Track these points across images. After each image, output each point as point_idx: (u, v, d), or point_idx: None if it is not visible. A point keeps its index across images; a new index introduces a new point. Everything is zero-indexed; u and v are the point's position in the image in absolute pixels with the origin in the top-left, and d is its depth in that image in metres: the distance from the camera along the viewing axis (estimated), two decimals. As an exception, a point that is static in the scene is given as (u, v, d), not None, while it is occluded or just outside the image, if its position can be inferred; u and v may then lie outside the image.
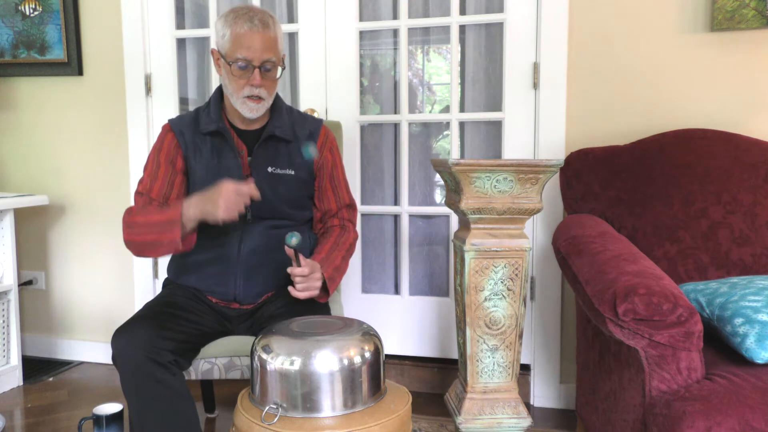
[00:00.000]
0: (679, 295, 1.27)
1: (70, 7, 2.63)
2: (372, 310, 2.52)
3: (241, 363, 1.61)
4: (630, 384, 1.42)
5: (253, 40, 1.57)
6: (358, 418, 1.17)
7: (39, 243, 2.83)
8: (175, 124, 1.72)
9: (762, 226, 1.79)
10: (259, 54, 1.58)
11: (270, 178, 1.67)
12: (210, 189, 1.51)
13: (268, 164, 1.68)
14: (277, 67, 1.63)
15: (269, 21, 1.60)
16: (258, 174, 1.66)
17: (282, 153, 1.70)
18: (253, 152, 1.67)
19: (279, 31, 1.64)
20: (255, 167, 1.67)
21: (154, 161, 1.70)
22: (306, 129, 1.74)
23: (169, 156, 1.69)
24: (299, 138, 1.72)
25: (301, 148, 1.71)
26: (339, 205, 1.79)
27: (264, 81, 1.60)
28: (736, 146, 1.88)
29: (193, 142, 1.68)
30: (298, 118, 1.77)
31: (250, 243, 1.66)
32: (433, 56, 2.62)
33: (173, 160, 1.68)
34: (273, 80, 1.64)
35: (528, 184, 1.48)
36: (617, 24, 2.15)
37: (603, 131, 2.19)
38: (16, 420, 2.23)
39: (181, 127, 1.70)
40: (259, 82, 1.60)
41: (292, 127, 1.73)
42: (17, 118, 2.79)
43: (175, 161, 1.69)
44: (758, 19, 1.99)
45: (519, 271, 1.53)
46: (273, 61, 1.60)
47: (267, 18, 1.60)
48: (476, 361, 1.56)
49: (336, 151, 1.81)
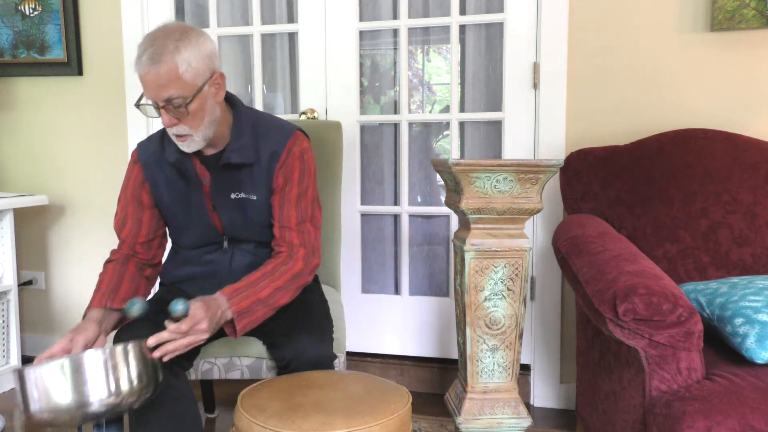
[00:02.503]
0: (679, 295, 1.27)
1: (70, 7, 2.63)
2: (372, 310, 2.52)
3: (241, 363, 1.61)
4: (630, 384, 1.42)
5: (147, 80, 1.39)
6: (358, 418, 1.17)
7: (39, 243, 2.83)
8: (141, 153, 1.62)
9: (762, 226, 1.79)
10: (155, 93, 1.40)
11: (235, 204, 1.57)
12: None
13: (231, 191, 1.56)
14: (189, 100, 1.41)
15: (162, 52, 1.37)
16: (221, 202, 1.57)
17: (244, 177, 1.56)
18: (212, 181, 1.56)
19: (181, 59, 1.39)
20: (216, 196, 1.57)
21: (123, 196, 1.65)
22: (269, 148, 1.56)
23: (134, 192, 1.62)
24: (262, 158, 1.56)
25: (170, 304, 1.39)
26: (282, 225, 1.57)
27: (174, 119, 1.42)
28: (736, 146, 1.88)
29: (159, 174, 1.59)
30: (264, 135, 1.58)
31: (240, 260, 1.64)
32: (433, 56, 2.61)
33: (139, 198, 1.63)
34: (191, 115, 1.43)
35: (528, 184, 1.48)
36: (617, 24, 2.15)
37: (603, 131, 2.19)
38: (16, 420, 2.23)
39: (146, 157, 1.61)
40: (168, 122, 1.43)
41: (255, 146, 1.56)
42: (17, 118, 2.79)
43: (141, 198, 1.63)
44: (758, 19, 1.99)
45: (519, 271, 1.53)
46: (175, 98, 1.40)
47: (160, 49, 1.38)
48: (476, 361, 1.56)
49: (295, 167, 1.58)
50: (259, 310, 1.46)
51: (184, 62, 1.39)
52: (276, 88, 2.66)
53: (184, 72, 1.39)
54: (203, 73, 1.43)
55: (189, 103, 1.41)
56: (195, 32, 1.45)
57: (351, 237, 2.50)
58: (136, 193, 1.63)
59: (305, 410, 1.18)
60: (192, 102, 1.42)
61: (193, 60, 1.41)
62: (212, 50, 1.46)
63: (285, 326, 1.55)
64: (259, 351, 1.60)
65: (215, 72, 1.47)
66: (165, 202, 1.62)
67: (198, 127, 1.46)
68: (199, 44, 1.42)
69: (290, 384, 1.32)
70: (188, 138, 1.47)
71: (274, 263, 1.53)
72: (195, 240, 1.65)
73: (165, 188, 1.60)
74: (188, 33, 1.43)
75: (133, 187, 1.63)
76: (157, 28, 1.44)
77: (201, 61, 1.42)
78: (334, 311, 1.74)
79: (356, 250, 2.51)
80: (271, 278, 1.49)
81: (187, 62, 1.40)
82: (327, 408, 1.19)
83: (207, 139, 1.50)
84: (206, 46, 1.44)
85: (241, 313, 1.43)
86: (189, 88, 1.41)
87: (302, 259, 1.54)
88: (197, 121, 1.45)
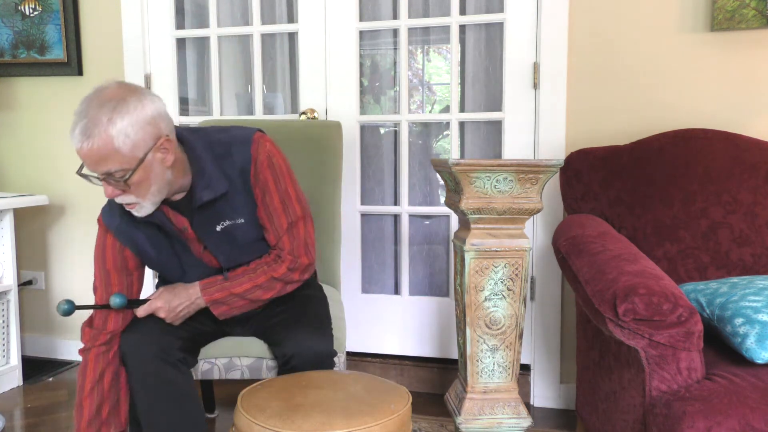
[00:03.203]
0: (679, 295, 1.27)
1: (70, 7, 2.63)
2: (372, 310, 2.52)
3: (241, 363, 1.61)
4: (630, 384, 1.42)
5: (82, 155, 1.30)
6: (358, 418, 1.17)
7: (39, 243, 2.83)
8: (109, 222, 1.51)
9: (762, 226, 1.79)
10: (94, 168, 1.32)
11: (223, 236, 1.52)
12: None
13: (215, 224, 1.50)
14: (130, 173, 1.32)
15: (95, 126, 1.27)
16: (210, 238, 1.51)
17: (223, 206, 1.50)
18: (193, 223, 1.49)
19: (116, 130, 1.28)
20: (203, 235, 1.50)
21: (101, 269, 1.53)
22: (236, 167, 1.48)
23: (116, 264, 1.52)
24: (234, 180, 1.49)
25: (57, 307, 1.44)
26: (277, 235, 1.54)
27: (118, 191, 1.35)
28: (736, 146, 1.88)
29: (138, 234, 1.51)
30: (226, 157, 1.48)
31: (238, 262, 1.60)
32: (433, 56, 2.61)
33: (124, 265, 1.53)
34: (135, 184, 1.34)
35: (528, 184, 1.48)
36: (617, 24, 2.15)
37: (603, 131, 2.19)
38: (15, 420, 2.23)
39: (116, 225, 1.50)
40: (110, 194, 1.35)
41: (223, 173, 1.47)
42: (17, 118, 2.79)
43: (126, 264, 1.54)
44: (758, 19, 1.99)
45: (519, 271, 1.53)
46: (114, 172, 1.31)
47: (93, 122, 1.27)
48: (476, 361, 1.56)
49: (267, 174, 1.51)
50: (237, 302, 1.52)
51: (121, 134, 1.28)
52: (276, 88, 2.66)
53: (122, 145, 1.29)
54: (144, 143, 1.32)
55: (131, 176, 1.32)
56: (134, 96, 1.32)
57: (351, 237, 2.50)
58: (117, 261, 1.52)
59: (305, 410, 1.18)
60: (134, 174, 1.33)
61: (131, 131, 1.30)
62: (154, 114, 1.34)
63: (285, 323, 1.56)
64: (259, 351, 1.60)
65: (161, 137, 1.35)
66: (155, 260, 1.54)
67: (145, 195, 1.37)
68: (137, 111, 1.30)
69: (290, 384, 1.32)
70: (136, 206, 1.39)
71: (257, 263, 1.55)
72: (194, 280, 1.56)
73: (149, 246, 1.52)
74: (125, 99, 1.30)
75: (113, 257, 1.52)
76: (93, 94, 1.32)
77: (141, 130, 1.31)
78: (335, 311, 1.74)
79: (356, 250, 2.51)
80: (251, 276, 1.52)
81: (124, 134, 1.29)
82: (327, 408, 1.19)
83: (157, 203, 1.41)
84: (146, 112, 1.32)
85: (215, 302, 1.50)
86: (129, 160, 1.31)
87: (287, 266, 1.53)
88: (143, 190, 1.36)
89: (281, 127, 2.12)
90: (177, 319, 1.51)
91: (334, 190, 2.09)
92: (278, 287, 1.55)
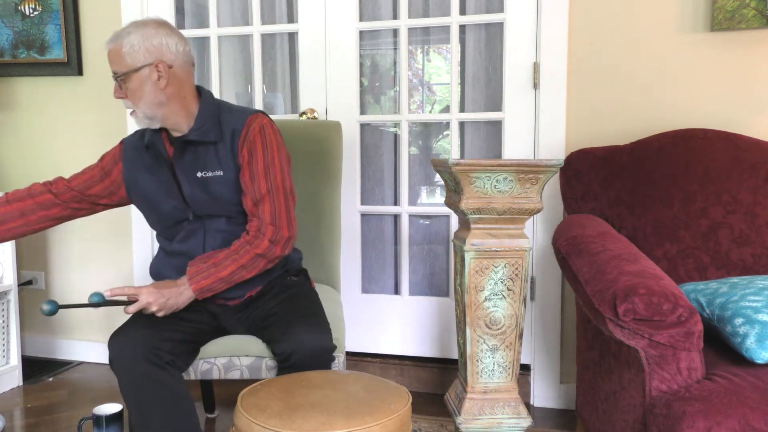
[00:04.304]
0: (679, 295, 1.27)
1: (69, 7, 2.63)
2: (372, 310, 2.52)
3: (240, 363, 1.61)
4: (630, 384, 1.42)
5: (108, 55, 1.61)
6: (358, 418, 1.17)
7: (39, 243, 2.83)
8: (127, 140, 1.77)
9: (762, 226, 1.79)
10: (111, 67, 1.60)
11: (201, 182, 1.64)
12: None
13: (197, 169, 1.64)
14: (130, 76, 1.57)
15: (119, 34, 1.58)
16: (187, 180, 1.65)
17: (210, 155, 1.64)
18: (174, 159, 1.65)
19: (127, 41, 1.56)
20: (182, 174, 1.65)
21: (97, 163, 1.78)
22: (231, 126, 1.66)
23: (107, 163, 1.75)
24: (225, 136, 1.65)
25: None
26: (255, 199, 1.62)
27: (121, 92, 1.60)
28: (736, 146, 1.88)
29: (136, 157, 1.71)
30: (228, 116, 1.68)
31: (212, 241, 1.66)
32: (433, 56, 2.62)
33: (109, 169, 1.74)
34: (131, 89, 1.58)
35: (528, 184, 1.48)
36: (617, 24, 2.15)
37: (603, 131, 2.19)
38: (16, 420, 2.23)
39: (129, 142, 1.75)
40: (116, 94, 1.61)
41: (217, 127, 1.65)
42: (17, 118, 2.79)
43: (111, 171, 1.74)
44: (758, 19, 1.99)
45: (519, 271, 1.53)
46: (118, 71, 1.58)
47: (119, 32, 1.59)
48: (476, 361, 1.56)
49: (257, 141, 1.64)
50: (222, 287, 1.58)
51: (128, 44, 1.56)
52: (276, 88, 2.66)
53: (127, 52, 1.56)
54: (143, 58, 1.57)
55: (127, 79, 1.57)
56: (156, 25, 1.60)
57: (351, 237, 2.50)
58: (108, 164, 1.75)
59: (305, 410, 1.18)
60: (129, 80, 1.57)
61: (137, 45, 1.56)
62: (162, 43, 1.58)
63: (282, 321, 1.56)
64: (258, 350, 1.60)
65: (160, 62, 1.58)
66: (137, 181, 1.71)
67: (138, 104, 1.59)
68: (149, 35, 1.57)
69: (290, 384, 1.32)
70: (134, 113, 1.61)
71: (239, 242, 1.60)
72: (165, 218, 1.69)
73: (138, 170, 1.70)
74: (147, 24, 1.59)
75: (108, 159, 1.76)
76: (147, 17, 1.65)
77: (143, 47, 1.57)
78: (334, 311, 1.75)
79: (356, 250, 2.51)
80: (235, 257, 1.58)
81: (130, 44, 1.56)
82: (327, 408, 1.19)
83: (150, 118, 1.61)
84: (156, 39, 1.58)
85: (202, 290, 1.55)
86: (127, 65, 1.57)
87: (268, 238, 1.60)
88: (136, 98, 1.59)
89: (281, 126, 2.12)
90: (167, 309, 1.53)
91: (334, 190, 2.09)
92: (261, 264, 1.60)
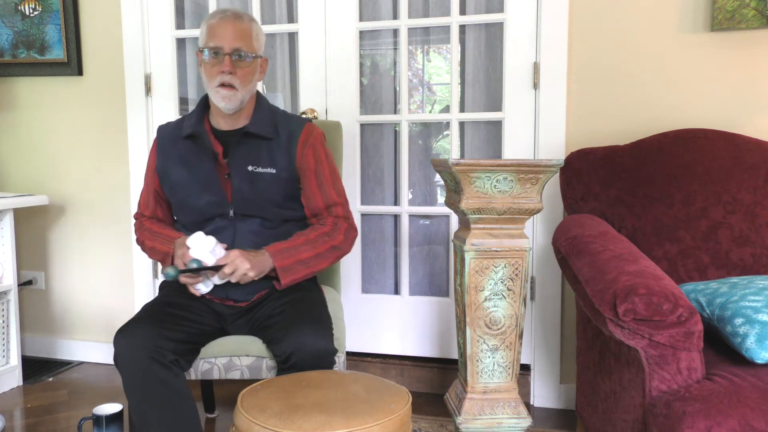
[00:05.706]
0: (679, 295, 1.27)
1: (69, 7, 2.63)
2: (372, 310, 2.52)
3: (240, 363, 1.61)
4: (630, 384, 1.42)
5: (224, 28, 1.61)
6: (358, 418, 1.17)
7: (39, 243, 2.83)
8: (161, 130, 1.78)
9: (762, 226, 1.79)
10: (228, 42, 1.60)
11: (250, 177, 1.67)
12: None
13: (248, 163, 1.67)
14: (250, 58, 1.63)
15: (243, 15, 1.64)
16: (237, 173, 1.67)
17: (263, 151, 1.69)
18: (230, 152, 1.67)
19: (255, 27, 1.66)
20: (234, 166, 1.67)
21: (147, 174, 1.80)
22: (287, 128, 1.72)
23: (152, 169, 1.78)
24: (281, 136, 1.70)
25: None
26: (327, 203, 1.73)
27: (235, 69, 1.60)
28: (736, 146, 1.88)
29: (171, 148, 1.72)
30: (282, 118, 1.75)
31: (241, 241, 1.66)
32: (433, 56, 2.62)
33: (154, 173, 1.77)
34: (246, 71, 1.63)
35: (528, 184, 1.48)
36: (617, 24, 2.15)
37: (603, 131, 2.19)
38: (15, 420, 2.23)
39: (164, 133, 1.76)
40: (229, 68, 1.59)
41: (274, 125, 1.71)
42: (17, 118, 2.79)
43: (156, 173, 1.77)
44: (758, 19, 1.99)
45: (519, 271, 1.53)
46: (244, 50, 1.61)
47: (242, 13, 1.65)
48: (476, 361, 1.56)
49: (320, 149, 1.75)
50: (301, 270, 1.62)
51: (256, 30, 1.67)
52: (276, 88, 2.66)
53: (255, 36, 1.66)
54: (261, 48, 1.69)
55: (251, 59, 1.63)
56: None
57: (351, 237, 2.50)
58: (152, 169, 1.77)
59: (305, 410, 1.18)
60: (252, 61, 1.64)
61: (260, 35, 1.69)
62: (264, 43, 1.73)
63: (284, 322, 1.56)
64: (258, 350, 1.60)
65: (265, 58, 1.72)
66: (170, 174, 1.72)
67: (245, 85, 1.64)
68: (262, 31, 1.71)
69: (290, 384, 1.32)
70: (233, 90, 1.62)
71: (317, 232, 1.67)
72: (197, 213, 1.69)
73: (173, 162, 1.71)
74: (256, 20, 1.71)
75: (151, 163, 1.78)
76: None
77: (262, 40, 1.70)
78: (334, 311, 1.75)
79: (356, 250, 2.51)
80: (313, 245, 1.64)
81: (257, 32, 1.67)
82: (327, 408, 1.19)
83: (243, 102, 1.66)
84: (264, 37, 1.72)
85: (283, 269, 1.59)
86: (255, 49, 1.65)
87: (344, 232, 1.70)
88: (245, 79, 1.63)
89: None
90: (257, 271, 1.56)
91: (334, 190, 2.09)
92: (333, 257, 1.68)
